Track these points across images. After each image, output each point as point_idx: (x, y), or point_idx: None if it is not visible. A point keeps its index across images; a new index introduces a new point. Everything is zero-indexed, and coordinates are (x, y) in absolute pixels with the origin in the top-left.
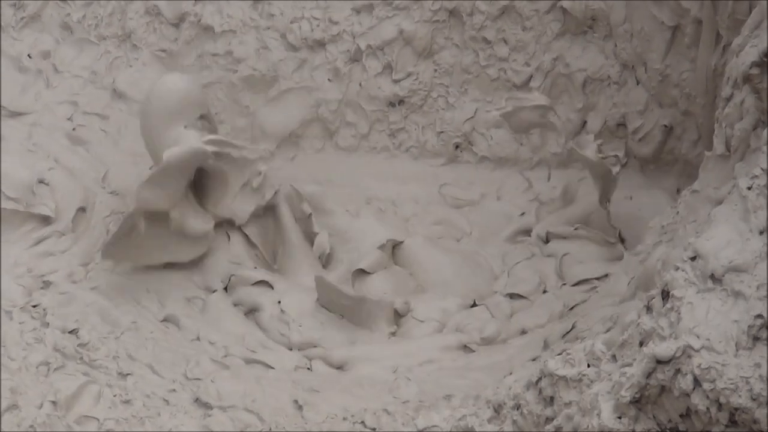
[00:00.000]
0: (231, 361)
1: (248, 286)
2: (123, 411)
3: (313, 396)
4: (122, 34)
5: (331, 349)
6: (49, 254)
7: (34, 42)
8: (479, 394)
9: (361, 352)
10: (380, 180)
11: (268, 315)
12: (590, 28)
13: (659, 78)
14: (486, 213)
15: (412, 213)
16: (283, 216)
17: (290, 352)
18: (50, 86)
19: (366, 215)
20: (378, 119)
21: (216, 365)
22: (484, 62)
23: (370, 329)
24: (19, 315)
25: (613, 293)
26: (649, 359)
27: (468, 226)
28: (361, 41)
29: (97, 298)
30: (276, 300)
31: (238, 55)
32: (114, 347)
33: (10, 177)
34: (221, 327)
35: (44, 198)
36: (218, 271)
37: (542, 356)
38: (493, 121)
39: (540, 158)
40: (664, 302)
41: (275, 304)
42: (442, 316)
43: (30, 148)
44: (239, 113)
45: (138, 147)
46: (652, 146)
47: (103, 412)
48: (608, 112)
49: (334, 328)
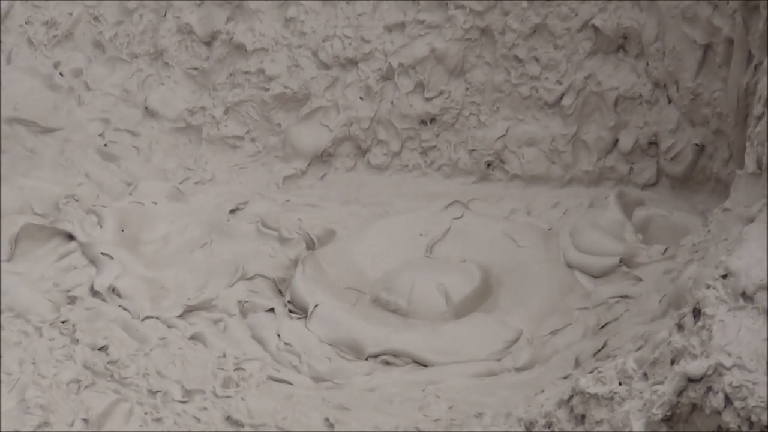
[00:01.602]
0: (259, 378)
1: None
2: (154, 429)
3: (343, 414)
4: (154, 52)
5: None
6: (73, 268)
7: (66, 60)
8: (510, 411)
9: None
10: (408, 199)
11: (274, 347)
12: (622, 46)
13: (691, 96)
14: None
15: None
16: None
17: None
18: (82, 103)
19: (380, 236)
20: (410, 137)
21: (246, 383)
22: (516, 80)
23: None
24: (48, 331)
25: (644, 311)
26: (680, 377)
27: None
28: (393, 59)
29: (122, 314)
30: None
31: (270, 73)
32: (144, 364)
33: (39, 193)
34: (244, 347)
35: (69, 214)
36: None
37: (574, 374)
38: (524, 139)
39: (572, 176)
40: (695, 320)
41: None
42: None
43: (62, 163)
44: (271, 131)
45: (169, 164)
46: (683, 165)
47: (134, 430)
48: (640, 131)
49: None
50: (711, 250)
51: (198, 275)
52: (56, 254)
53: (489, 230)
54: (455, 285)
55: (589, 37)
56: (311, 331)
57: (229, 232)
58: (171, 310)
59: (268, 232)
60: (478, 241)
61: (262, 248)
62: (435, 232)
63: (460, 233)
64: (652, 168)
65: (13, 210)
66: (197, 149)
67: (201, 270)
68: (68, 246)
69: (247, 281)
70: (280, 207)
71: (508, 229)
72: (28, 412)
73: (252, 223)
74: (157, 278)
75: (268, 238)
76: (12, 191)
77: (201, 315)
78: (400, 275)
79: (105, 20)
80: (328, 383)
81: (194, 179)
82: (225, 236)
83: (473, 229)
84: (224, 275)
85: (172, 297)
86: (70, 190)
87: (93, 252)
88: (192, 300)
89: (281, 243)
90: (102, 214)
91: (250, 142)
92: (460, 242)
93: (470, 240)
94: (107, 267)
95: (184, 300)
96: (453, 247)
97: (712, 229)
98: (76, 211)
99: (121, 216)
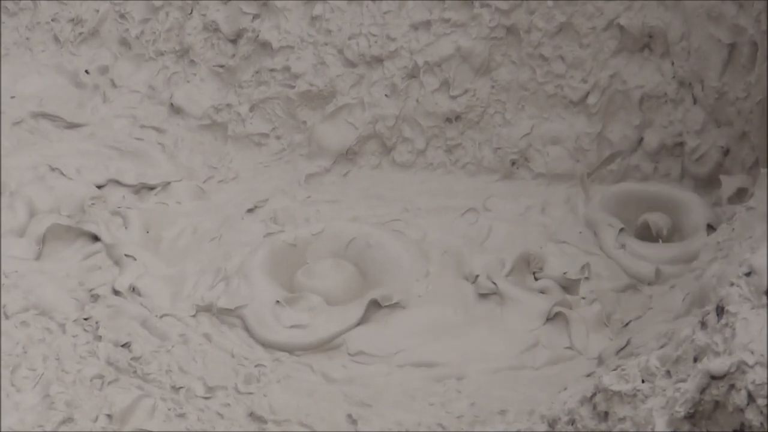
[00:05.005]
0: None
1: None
2: (178, 425)
3: (366, 410)
4: (180, 49)
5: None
6: (97, 268)
7: (92, 57)
8: (533, 408)
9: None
10: (430, 196)
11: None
12: (647, 45)
13: (716, 96)
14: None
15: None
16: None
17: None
18: (107, 101)
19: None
20: (435, 135)
21: (266, 378)
22: (541, 79)
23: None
24: (72, 328)
25: (668, 309)
26: (703, 375)
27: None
28: (418, 58)
29: (142, 311)
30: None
31: (296, 70)
32: (166, 360)
33: (65, 194)
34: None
35: (95, 216)
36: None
37: (597, 372)
38: (549, 137)
39: (596, 175)
40: (718, 318)
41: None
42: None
43: (85, 160)
44: (296, 129)
45: (194, 161)
46: (708, 167)
47: (158, 426)
48: (665, 130)
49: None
50: (735, 248)
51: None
52: (81, 254)
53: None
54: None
55: (614, 36)
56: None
57: (238, 227)
58: (186, 309)
59: (274, 228)
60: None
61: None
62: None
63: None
64: (677, 168)
65: (43, 209)
66: (223, 147)
67: (209, 267)
68: (94, 246)
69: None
70: (299, 203)
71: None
72: (53, 407)
73: (263, 220)
74: (176, 275)
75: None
76: (42, 191)
77: (209, 315)
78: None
79: (131, 18)
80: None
81: (218, 178)
82: (234, 231)
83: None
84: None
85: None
86: (96, 189)
87: (117, 253)
88: (204, 300)
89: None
90: (127, 215)
91: (275, 139)
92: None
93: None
94: (129, 268)
95: (198, 300)
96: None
97: (736, 227)
98: (102, 212)
99: (146, 217)
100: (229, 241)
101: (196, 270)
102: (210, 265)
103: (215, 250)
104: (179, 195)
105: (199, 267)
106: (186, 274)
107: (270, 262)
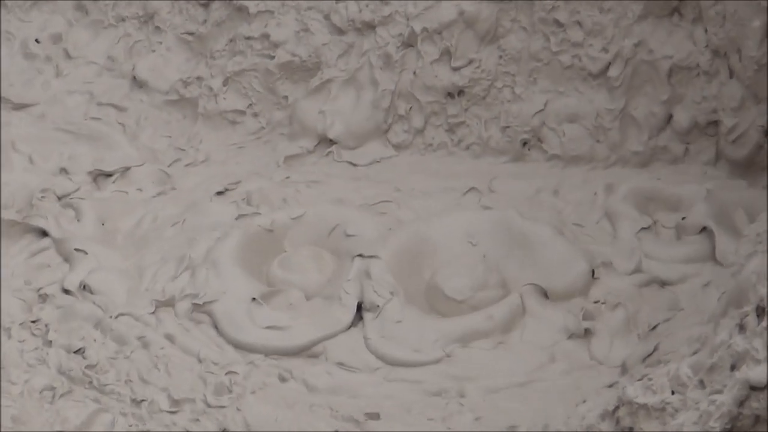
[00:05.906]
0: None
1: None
2: None
3: (355, 426)
4: (144, 14)
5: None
6: (45, 266)
7: (43, 24)
8: (547, 423)
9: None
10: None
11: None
12: (677, 9)
13: (755, 67)
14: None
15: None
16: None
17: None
18: (61, 74)
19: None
20: (434, 112)
21: (239, 387)
22: (556, 48)
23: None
24: (18, 332)
25: (700, 310)
26: (741, 385)
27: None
28: (415, 24)
29: (96, 311)
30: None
31: (276, 38)
32: (125, 368)
33: (10, 185)
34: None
35: (44, 209)
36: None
37: (620, 382)
38: (565, 114)
39: (618, 157)
40: (759, 320)
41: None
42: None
43: (37, 146)
44: (276, 105)
45: (159, 143)
46: (747, 149)
47: None
48: (697, 107)
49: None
50: None
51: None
52: (28, 251)
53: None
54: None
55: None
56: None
57: (206, 210)
58: (145, 307)
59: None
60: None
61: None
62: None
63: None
64: (711, 150)
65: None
66: (192, 126)
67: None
68: (42, 243)
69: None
70: (276, 184)
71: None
72: None
73: (235, 201)
74: (133, 267)
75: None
76: None
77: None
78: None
79: None
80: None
81: (186, 161)
82: (200, 215)
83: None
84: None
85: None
86: (47, 178)
87: (67, 248)
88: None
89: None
90: (80, 207)
91: (252, 117)
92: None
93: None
94: (80, 264)
95: (158, 294)
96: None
97: None
98: (52, 205)
99: (102, 208)
100: (195, 225)
101: (156, 259)
102: (172, 252)
103: (178, 235)
104: (140, 182)
105: (159, 256)
106: (144, 264)
107: (243, 250)
